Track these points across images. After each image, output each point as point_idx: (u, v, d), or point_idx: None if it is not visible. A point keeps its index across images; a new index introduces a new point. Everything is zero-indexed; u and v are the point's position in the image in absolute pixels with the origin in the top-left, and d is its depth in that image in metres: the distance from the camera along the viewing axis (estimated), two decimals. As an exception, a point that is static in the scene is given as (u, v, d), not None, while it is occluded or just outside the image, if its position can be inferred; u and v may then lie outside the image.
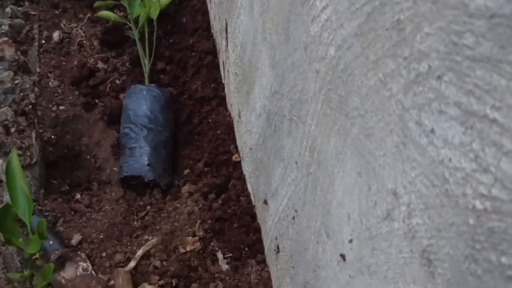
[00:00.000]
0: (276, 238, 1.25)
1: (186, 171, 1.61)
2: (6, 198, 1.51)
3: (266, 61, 1.15)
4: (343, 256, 0.81)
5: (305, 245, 1.01)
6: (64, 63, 1.91)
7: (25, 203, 0.82)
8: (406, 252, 0.60)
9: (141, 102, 1.61)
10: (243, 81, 1.41)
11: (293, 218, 1.07)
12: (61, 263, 1.40)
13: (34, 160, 1.64)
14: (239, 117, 1.52)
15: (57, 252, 1.41)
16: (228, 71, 1.62)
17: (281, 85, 1.05)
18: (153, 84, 1.69)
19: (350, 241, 0.77)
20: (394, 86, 0.59)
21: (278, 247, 1.24)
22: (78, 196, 1.65)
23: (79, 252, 1.42)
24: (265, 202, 1.31)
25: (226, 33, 1.57)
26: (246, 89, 1.38)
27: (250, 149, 1.41)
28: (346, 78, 0.72)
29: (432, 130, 0.52)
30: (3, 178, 1.56)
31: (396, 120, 0.59)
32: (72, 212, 1.56)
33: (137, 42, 1.76)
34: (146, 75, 1.75)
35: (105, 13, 1.78)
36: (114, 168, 1.65)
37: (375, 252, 0.69)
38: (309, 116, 0.89)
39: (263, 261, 1.39)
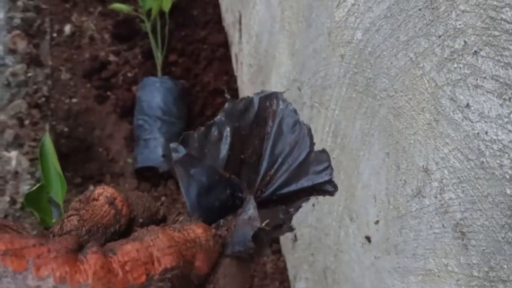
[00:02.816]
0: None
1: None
2: (22, 189, 1.53)
3: (284, 50, 1.16)
4: (368, 238, 0.82)
5: (326, 231, 1.02)
6: (75, 56, 1.92)
7: (59, 184, 0.83)
8: (438, 227, 0.62)
9: (154, 94, 1.62)
10: (258, 71, 1.42)
11: (313, 205, 1.09)
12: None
13: (49, 151, 1.65)
14: (253, 108, 1.54)
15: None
16: (241, 63, 1.63)
17: (301, 72, 1.06)
18: (166, 76, 1.70)
19: (376, 222, 0.79)
20: (427, 64, 0.60)
21: (295, 236, 1.25)
22: (91, 188, 1.66)
23: (95, 242, 1.43)
24: (281, 191, 1.32)
25: (240, 25, 1.58)
26: (262, 80, 1.39)
27: (265, 139, 1.42)
28: (374, 61, 0.73)
29: (467, 105, 0.54)
30: (19, 169, 1.57)
31: (428, 98, 0.61)
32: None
33: (150, 34, 1.77)
34: (159, 68, 1.76)
35: (117, 5, 1.80)
36: (127, 160, 1.67)
37: (403, 230, 0.70)
38: (332, 101, 0.91)
39: (279, 251, 1.40)
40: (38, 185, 0.80)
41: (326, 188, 0.32)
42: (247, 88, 1.60)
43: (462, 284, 0.58)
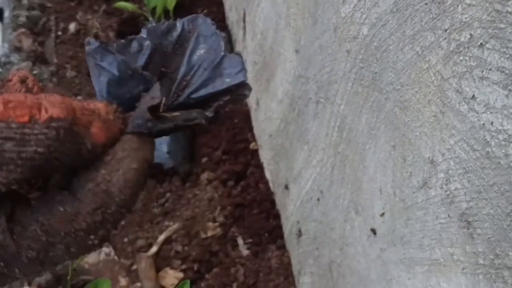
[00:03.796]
0: (298, 222, 1.28)
1: (204, 159, 1.63)
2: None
3: (289, 46, 1.17)
4: (373, 231, 0.84)
5: (331, 225, 1.03)
6: (80, 54, 1.93)
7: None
8: (444, 217, 0.63)
9: (159, 92, 1.63)
10: (263, 68, 1.43)
11: (318, 199, 1.10)
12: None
13: (54, 148, 1.67)
14: (257, 105, 1.55)
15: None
16: (245, 60, 1.64)
17: (307, 68, 1.07)
18: (171, 74, 1.71)
19: (382, 214, 0.80)
20: (433, 58, 0.61)
21: (300, 231, 1.26)
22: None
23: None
24: (286, 187, 1.33)
25: (244, 23, 1.60)
26: (267, 77, 1.40)
27: (270, 135, 1.44)
28: (380, 55, 0.74)
29: (473, 97, 0.55)
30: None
31: (434, 91, 0.62)
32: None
33: (155, 33, 1.78)
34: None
35: (122, 4, 1.81)
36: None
37: (409, 222, 0.72)
38: (338, 96, 0.92)
39: (283, 246, 1.42)
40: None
41: (241, 91, 0.33)
42: (251, 85, 1.61)
43: (467, 272, 0.59)
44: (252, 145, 1.61)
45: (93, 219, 0.26)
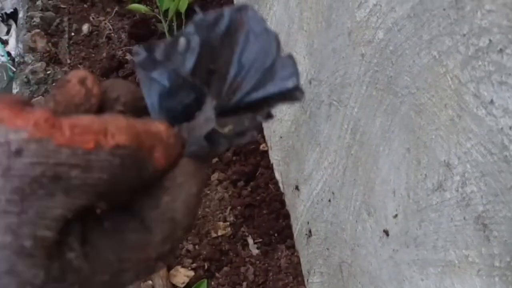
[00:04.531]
0: (308, 223, 1.29)
1: (215, 160, 1.65)
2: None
3: (302, 49, 1.18)
4: (386, 232, 0.85)
5: (342, 226, 1.04)
6: (93, 55, 1.95)
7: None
8: (459, 220, 0.64)
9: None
10: (274, 71, 1.45)
11: (329, 200, 1.11)
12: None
13: (66, 147, 1.69)
14: (268, 107, 1.56)
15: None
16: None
17: (319, 71, 1.09)
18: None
19: (395, 216, 0.81)
20: (451, 62, 0.62)
21: (310, 231, 1.28)
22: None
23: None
24: (297, 188, 1.34)
25: (256, 26, 1.61)
26: (278, 79, 1.41)
27: (280, 137, 1.45)
28: (396, 59, 0.75)
29: (491, 101, 0.56)
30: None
31: (451, 95, 0.63)
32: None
33: (167, 34, 1.80)
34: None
35: (136, 5, 1.83)
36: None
37: (423, 223, 0.73)
38: (352, 99, 0.93)
39: (293, 246, 1.43)
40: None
41: (294, 95, 0.31)
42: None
43: (483, 274, 0.60)
44: (262, 146, 1.62)
45: (163, 248, 0.27)
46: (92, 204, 0.25)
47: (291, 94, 0.30)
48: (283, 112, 1.40)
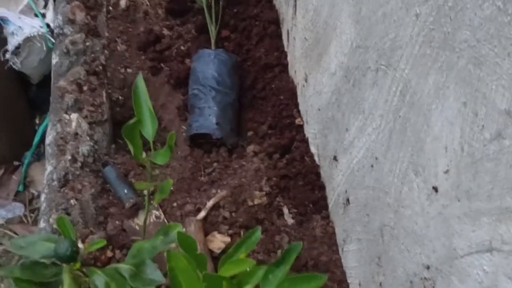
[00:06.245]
0: (345, 191, 1.31)
1: (250, 133, 1.67)
2: (82, 150, 1.60)
3: (347, 18, 1.20)
4: (435, 189, 0.86)
5: (386, 190, 1.06)
6: (130, 29, 1.99)
7: (149, 121, 0.89)
8: (518, 165, 0.65)
9: (209, 65, 1.68)
10: (314, 44, 1.47)
11: (372, 166, 1.13)
12: (135, 210, 1.49)
13: (105, 117, 1.73)
14: (306, 81, 1.58)
15: (131, 200, 1.49)
16: (294, 38, 1.68)
17: (366, 38, 1.10)
18: (220, 49, 1.76)
19: (446, 171, 0.83)
20: (516, 10, 0.64)
21: (348, 200, 1.30)
22: (144, 155, 1.73)
23: (151, 201, 1.50)
24: (335, 158, 1.36)
25: (295, 1, 1.63)
26: (318, 52, 1.43)
27: (318, 109, 1.47)
28: (455, 15, 0.77)
29: (560, 44, 0.57)
30: (78, 131, 1.65)
31: (515, 43, 0.64)
32: (141, 168, 1.64)
33: (205, 9, 1.83)
34: (212, 41, 1.82)
35: (175, -19, 1.85)
36: (181, 127, 1.73)
37: (477, 175, 0.74)
38: (402, 61, 0.95)
39: (327, 216, 1.45)
40: (133, 120, 0.86)
41: None
42: (299, 62, 1.64)
43: (542, 215, 0.62)
44: (297, 121, 1.65)
45: None
46: None
47: None
48: (322, 84, 1.42)
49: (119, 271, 0.85)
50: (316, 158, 1.54)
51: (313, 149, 1.57)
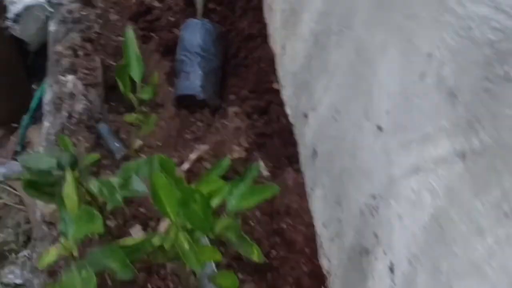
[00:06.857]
0: (314, 144, 1.47)
1: (232, 97, 1.83)
2: (77, 108, 1.74)
3: (317, -11, 1.35)
4: (379, 128, 1.03)
5: (345, 137, 1.23)
6: (123, 1, 2.13)
7: (137, 64, 1.05)
8: (435, 97, 0.82)
9: (196, 34, 1.83)
10: (290, 15, 1.62)
11: (334, 118, 1.29)
12: (125, 161, 1.64)
13: (99, 80, 1.87)
14: (283, 49, 1.74)
15: (122, 152, 1.64)
16: (274, 10, 1.83)
17: (330, 4, 1.26)
18: (206, 19, 1.90)
19: (387, 112, 0.99)
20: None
21: (315, 151, 1.46)
22: (134, 116, 1.88)
23: (140, 154, 1.66)
24: (305, 116, 1.52)
25: (275, -24, 1.78)
26: (293, 21, 1.59)
27: (293, 74, 1.63)
28: (395, -21, 0.93)
29: (463, -3, 0.73)
30: (74, 91, 1.79)
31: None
32: (130, 125, 1.79)
33: (193, -17, 1.97)
34: (199, 13, 1.96)
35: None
36: (169, 91, 1.88)
37: (410, 111, 0.91)
38: (356, 21, 1.11)
39: (299, 169, 1.62)
40: (121, 64, 1.02)
41: None
42: (278, 32, 1.80)
43: (451, 135, 0.78)
44: (275, 86, 1.80)
45: None
46: None
47: None
48: (296, 50, 1.58)
49: (110, 182, 1.01)
50: (290, 118, 1.71)
51: (288, 110, 1.73)
